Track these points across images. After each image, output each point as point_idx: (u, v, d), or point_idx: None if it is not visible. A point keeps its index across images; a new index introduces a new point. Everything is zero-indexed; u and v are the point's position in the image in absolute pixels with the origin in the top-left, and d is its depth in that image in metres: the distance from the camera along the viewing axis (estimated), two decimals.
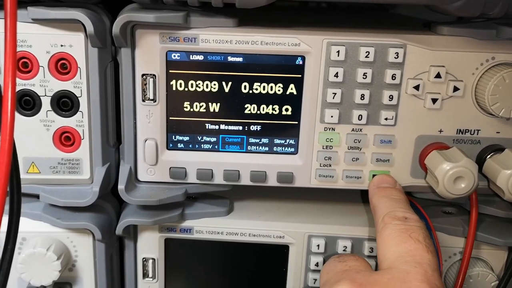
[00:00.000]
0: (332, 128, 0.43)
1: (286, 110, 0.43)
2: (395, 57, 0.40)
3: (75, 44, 0.40)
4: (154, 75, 0.41)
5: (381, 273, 0.31)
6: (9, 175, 0.26)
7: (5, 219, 0.28)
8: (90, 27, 0.38)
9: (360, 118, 0.42)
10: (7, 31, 0.26)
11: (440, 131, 0.42)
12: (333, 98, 0.41)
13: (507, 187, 0.38)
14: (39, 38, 0.39)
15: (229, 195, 0.49)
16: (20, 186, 0.28)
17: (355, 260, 0.35)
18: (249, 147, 0.44)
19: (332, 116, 0.42)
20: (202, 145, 0.44)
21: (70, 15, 0.38)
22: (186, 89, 0.42)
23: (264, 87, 0.42)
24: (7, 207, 0.28)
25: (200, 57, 0.41)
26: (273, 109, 0.43)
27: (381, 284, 0.30)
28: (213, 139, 0.44)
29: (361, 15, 0.60)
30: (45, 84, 0.40)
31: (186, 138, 0.44)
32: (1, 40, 0.32)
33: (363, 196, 0.51)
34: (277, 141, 0.44)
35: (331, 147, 0.43)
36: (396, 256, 0.32)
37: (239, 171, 0.44)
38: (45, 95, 0.41)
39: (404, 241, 0.32)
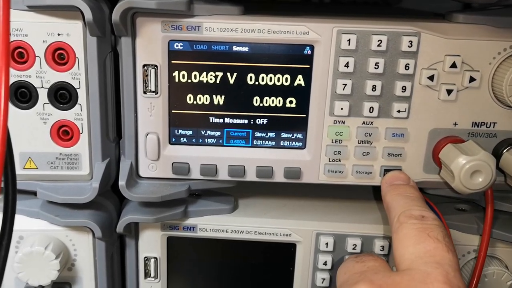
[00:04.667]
0: (342, 121, 0.41)
1: (294, 102, 0.41)
2: (408, 46, 0.38)
3: (73, 33, 0.38)
4: (155, 65, 0.40)
5: (401, 274, 0.30)
6: (2, 170, 0.24)
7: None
8: (88, 15, 0.36)
9: (371, 111, 0.40)
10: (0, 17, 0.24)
11: (455, 124, 0.41)
12: (343, 89, 0.39)
13: None
14: (35, 26, 0.37)
15: (233, 192, 0.47)
16: (14, 174, 0.26)
17: (374, 261, 0.33)
18: (254, 142, 0.42)
19: (342, 109, 0.40)
20: (206, 140, 0.42)
21: (68, 1, 0.36)
22: (189, 80, 0.40)
23: (270, 78, 0.40)
24: (1, 204, 0.27)
25: (204, 47, 0.39)
26: (280, 101, 0.41)
27: (401, 286, 0.29)
28: (218, 133, 0.42)
29: (368, 8, 0.58)
30: (41, 75, 0.39)
31: (189, 132, 0.42)
32: None
33: (375, 193, 0.50)
34: (284, 135, 0.42)
35: (340, 141, 0.41)
36: (414, 257, 0.30)
37: (244, 166, 0.42)
38: (42, 87, 0.39)
39: (423, 241, 0.31)
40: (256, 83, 0.40)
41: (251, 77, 0.40)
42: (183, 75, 0.40)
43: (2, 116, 0.24)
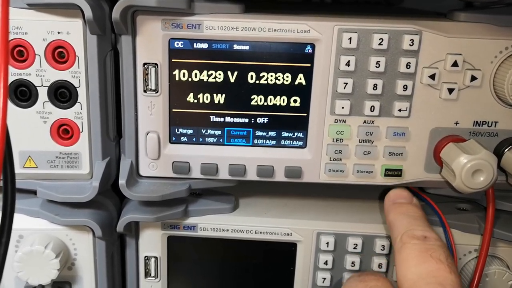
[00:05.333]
0: (343, 120, 0.41)
1: (295, 101, 0.41)
2: (410, 45, 0.38)
3: (73, 31, 0.38)
4: (156, 64, 0.39)
5: None
6: (2, 168, 0.24)
7: None
8: (88, 13, 0.36)
9: (372, 110, 0.40)
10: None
11: (456, 123, 0.41)
12: (344, 88, 0.39)
13: None
14: (35, 24, 0.37)
15: (234, 191, 0.47)
16: (13, 173, 0.26)
17: (376, 280, 0.33)
18: (255, 141, 0.42)
19: (343, 108, 0.40)
20: (207, 139, 0.42)
21: None
22: (190, 79, 0.40)
23: (271, 77, 0.40)
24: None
25: (205, 45, 0.39)
26: (280, 100, 0.41)
27: None
28: (218, 132, 0.42)
29: (369, 7, 0.58)
30: (41, 74, 0.39)
31: (189, 131, 0.42)
32: None
33: (380, 193, 0.49)
34: (284, 134, 0.42)
35: (341, 140, 0.41)
36: (417, 277, 0.30)
37: (245, 165, 0.42)
38: (42, 85, 0.39)
39: (425, 261, 0.31)
40: (257, 81, 0.40)
41: (251, 76, 0.40)
42: (184, 74, 0.40)
43: (1, 115, 0.24)
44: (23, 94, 0.39)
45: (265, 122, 0.42)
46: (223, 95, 0.41)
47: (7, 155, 0.25)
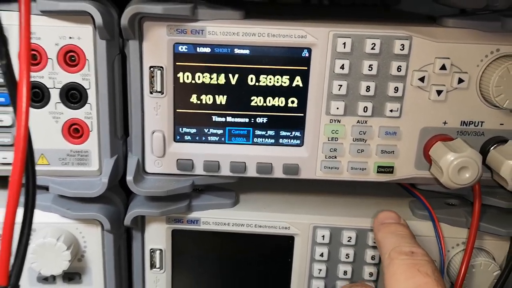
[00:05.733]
0: (338, 120, 0.43)
1: (292, 102, 0.43)
2: (400, 49, 0.40)
3: (83, 36, 0.40)
4: (161, 67, 0.42)
5: None
6: (24, 166, 0.27)
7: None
8: (99, 19, 0.38)
9: (365, 110, 0.42)
10: (22, 22, 0.26)
11: (445, 123, 0.43)
12: (339, 90, 0.42)
13: (510, 177, 0.39)
14: (48, 30, 0.39)
15: (235, 187, 0.50)
16: (35, 171, 0.29)
17: None
18: (255, 139, 0.45)
19: (337, 108, 0.42)
20: (209, 137, 0.44)
21: (79, 7, 0.38)
22: (193, 81, 0.43)
23: (270, 79, 0.42)
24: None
25: (207, 49, 0.42)
26: (279, 101, 0.43)
27: None
28: (220, 131, 0.44)
29: (364, 12, 0.60)
30: (54, 76, 0.41)
31: (193, 130, 0.44)
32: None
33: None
34: (283, 133, 0.44)
35: (336, 139, 0.44)
36: None
37: (245, 163, 0.44)
38: (54, 87, 0.41)
39: (413, 276, 0.32)
40: (257, 84, 0.42)
41: (251, 78, 0.42)
42: (188, 76, 0.42)
43: (23, 117, 0.26)
44: (36, 95, 0.41)
45: (264, 122, 0.44)
46: (225, 97, 0.43)
47: (29, 154, 0.28)
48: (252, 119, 0.44)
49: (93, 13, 0.38)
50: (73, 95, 0.42)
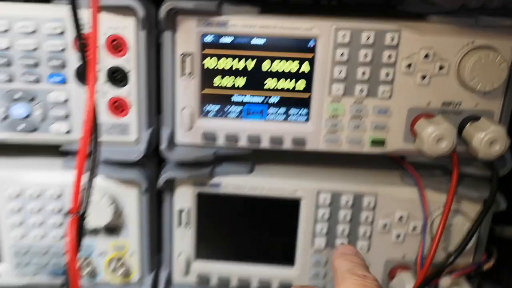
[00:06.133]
0: (338, 100, 0.50)
1: (300, 84, 0.51)
2: (391, 41, 0.48)
3: (127, 27, 0.48)
4: (191, 54, 0.49)
5: None
6: (92, 132, 0.36)
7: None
8: (142, 13, 0.46)
9: (361, 92, 0.50)
10: (92, 16, 0.35)
11: (428, 103, 0.50)
12: (339, 74, 0.49)
13: (480, 147, 0.47)
14: (98, 22, 0.47)
15: (251, 157, 0.56)
16: (97, 135, 0.37)
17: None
18: (268, 116, 0.52)
19: (338, 90, 0.50)
20: (229, 114, 0.52)
21: (124, 2, 0.46)
22: (217, 66, 0.50)
23: (282, 65, 0.50)
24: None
25: (229, 39, 0.49)
26: (289, 84, 0.51)
27: None
28: (238, 109, 0.52)
29: (371, 10, 0.65)
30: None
31: (216, 108, 0.52)
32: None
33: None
34: (292, 111, 0.51)
35: (337, 116, 0.51)
36: None
37: (259, 135, 0.52)
38: (101, 70, 0.49)
39: None
40: (270, 69, 0.50)
41: (266, 64, 0.50)
42: (212, 62, 0.50)
43: (89, 96, 0.35)
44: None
45: (276, 101, 0.51)
46: (243, 79, 0.50)
47: (95, 125, 0.36)
48: (266, 99, 0.51)
49: (136, 8, 0.46)
50: (117, 77, 0.50)
